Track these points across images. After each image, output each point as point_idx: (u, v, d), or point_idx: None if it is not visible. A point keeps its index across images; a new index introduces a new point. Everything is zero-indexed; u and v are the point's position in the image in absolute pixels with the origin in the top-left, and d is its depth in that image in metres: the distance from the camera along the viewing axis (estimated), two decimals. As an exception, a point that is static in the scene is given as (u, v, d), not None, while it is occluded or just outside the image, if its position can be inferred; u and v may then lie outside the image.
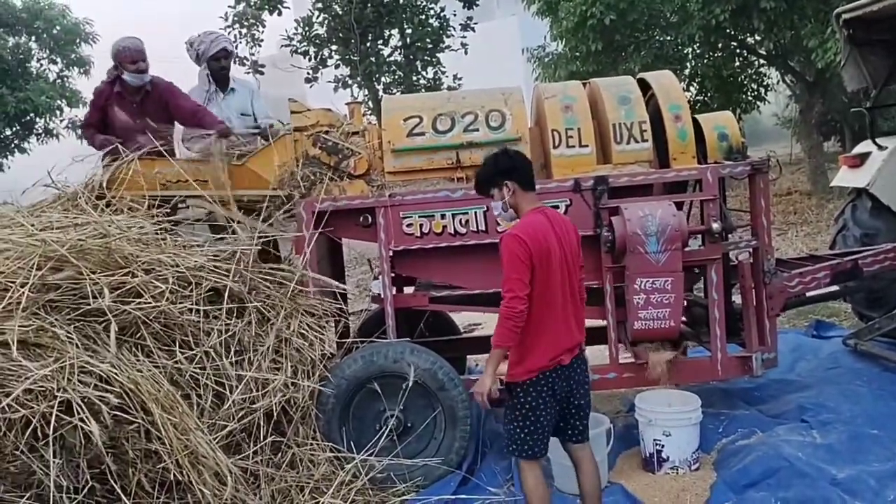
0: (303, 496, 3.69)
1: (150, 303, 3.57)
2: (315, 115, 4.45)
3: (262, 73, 12.73)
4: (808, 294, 4.91)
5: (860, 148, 5.94)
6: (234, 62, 13.33)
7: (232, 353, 3.82)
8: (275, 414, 3.80)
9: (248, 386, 3.75)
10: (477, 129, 4.41)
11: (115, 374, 3.21)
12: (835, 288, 5.10)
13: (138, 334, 3.59)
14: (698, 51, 14.72)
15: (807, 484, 3.57)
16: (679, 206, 4.26)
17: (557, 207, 4.25)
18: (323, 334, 4.10)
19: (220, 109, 5.20)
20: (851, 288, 5.28)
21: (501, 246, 3.18)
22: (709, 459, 4.10)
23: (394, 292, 4.45)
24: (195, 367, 3.68)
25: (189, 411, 3.50)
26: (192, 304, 3.73)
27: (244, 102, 5.30)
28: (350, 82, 13.42)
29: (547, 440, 3.26)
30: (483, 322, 7.27)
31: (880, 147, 5.66)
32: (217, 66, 5.23)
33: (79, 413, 3.01)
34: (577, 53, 13.65)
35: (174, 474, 3.26)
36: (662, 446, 3.96)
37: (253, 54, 13.23)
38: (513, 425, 3.25)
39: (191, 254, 3.98)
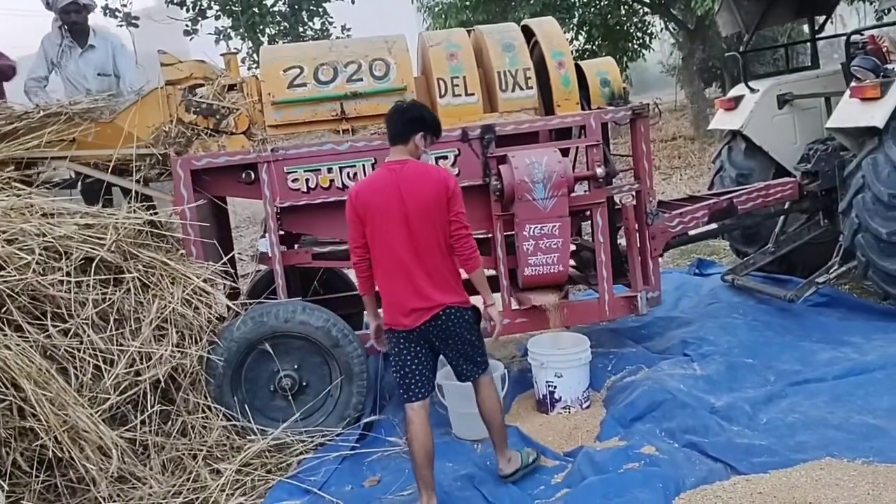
0: (196, 463, 3.60)
1: (14, 275, 3.34)
2: (188, 68, 4.21)
3: (136, 27, 11.96)
4: (690, 233, 5.12)
5: (734, 91, 6.19)
6: (106, 15, 12.36)
7: (111, 323, 3.63)
8: (162, 382, 3.66)
9: (131, 356, 3.59)
10: (361, 79, 4.29)
11: (-22, 351, 3.00)
12: (713, 226, 5.34)
13: (3, 308, 3.35)
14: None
15: (688, 414, 3.76)
16: (565, 152, 4.31)
17: (447, 158, 4.23)
18: (209, 299, 3.95)
19: (76, 66, 4.84)
20: (728, 226, 5.54)
21: None
22: (599, 397, 4.25)
23: (284, 250, 4.33)
24: (71, 340, 3.48)
25: (66, 386, 3.33)
26: (62, 276, 3.51)
27: (104, 60, 4.92)
28: (232, 34, 12.82)
29: (422, 384, 3.27)
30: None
31: (752, 90, 5.91)
32: (68, 19, 4.84)
33: (-62, 395, 2.81)
34: (468, 2, 13.58)
35: (53, 451, 3.12)
36: (555, 387, 4.07)
37: (125, 6, 12.39)
38: (392, 370, 3.38)
39: (59, 223, 3.72)
